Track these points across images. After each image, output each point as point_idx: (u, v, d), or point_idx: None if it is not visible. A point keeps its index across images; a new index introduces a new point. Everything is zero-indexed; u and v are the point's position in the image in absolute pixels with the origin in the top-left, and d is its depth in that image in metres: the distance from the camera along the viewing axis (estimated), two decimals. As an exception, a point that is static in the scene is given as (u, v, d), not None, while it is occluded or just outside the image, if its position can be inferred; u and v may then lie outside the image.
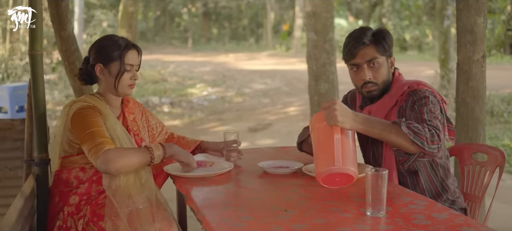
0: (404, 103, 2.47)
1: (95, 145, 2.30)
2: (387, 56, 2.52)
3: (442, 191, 2.51)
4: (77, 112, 2.43)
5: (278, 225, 1.83)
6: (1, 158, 3.00)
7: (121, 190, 2.35)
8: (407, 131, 2.20)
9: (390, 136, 2.25)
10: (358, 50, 2.48)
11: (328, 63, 6.71)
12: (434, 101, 2.41)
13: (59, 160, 2.54)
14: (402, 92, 2.49)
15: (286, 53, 24.25)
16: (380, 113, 2.51)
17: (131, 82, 2.57)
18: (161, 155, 2.39)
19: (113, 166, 2.27)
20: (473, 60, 3.66)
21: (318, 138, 2.23)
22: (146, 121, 2.79)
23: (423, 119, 2.33)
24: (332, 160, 2.14)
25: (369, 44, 2.48)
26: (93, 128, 2.37)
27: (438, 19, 11.02)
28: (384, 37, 2.50)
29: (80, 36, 14.14)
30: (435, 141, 2.24)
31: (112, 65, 2.54)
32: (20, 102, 8.16)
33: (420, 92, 2.43)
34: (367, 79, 2.49)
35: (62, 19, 4.91)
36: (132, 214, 2.30)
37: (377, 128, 2.26)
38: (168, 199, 2.55)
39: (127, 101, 2.71)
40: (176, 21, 32.43)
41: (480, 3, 3.62)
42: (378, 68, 2.49)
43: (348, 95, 2.80)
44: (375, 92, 2.53)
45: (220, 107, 11.68)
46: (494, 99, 9.66)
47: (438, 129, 2.28)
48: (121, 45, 2.54)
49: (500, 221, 4.29)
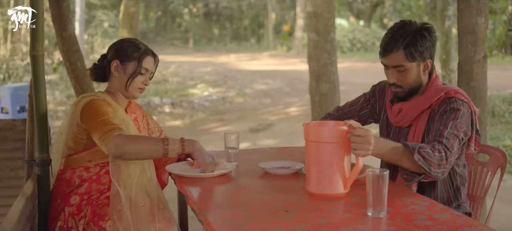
0: (437, 108, 2.44)
1: (107, 131, 2.33)
2: (419, 61, 2.44)
3: (454, 198, 2.50)
4: (88, 104, 2.45)
5: (279, 225, 1.83)
6: (2, 158, 3.00)
7: (124, 184, 2.36)
8: (417, 158, 2.20)
9: (402, 160, 2.25)
10: (387, 53, 2.44)
11: (329, 63, 6.70)
12: (465, 114, 2.38)
13: (62, 160, 2.54)
14: (438, 97, 2.44)
15: (287, 54, 24.25)
16: (411, 113, 2.49)
17: (141, 86, 2.61)
18: (177, 150, 2.38)
19: (125, 149, 2.29)
20: (474, 61, 3.65)
21: (308, 154, 2.21)
22: (146, 123, 2.80)
23: (442, 134, 2.31)
24: (312, 182, 2.17)
25: (399, 50, 2.41)
26: (104, 116, 2.39)
27: (439, 20, 11.00)
28: (416, 43, 2.40)
29: (81, 36, 14.16)
30: (441, 165, 2.24)
31: (129, 64, 2.57)
32: (21, 102, 8.17)
33: (455, 102, 2.39)
34: (391, 82, 2.48)
35: (63, 19, 4.91)
36: (133, 212, 2.31)
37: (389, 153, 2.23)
38: (169, 199, 2.55)
39: (130, 101, 2.73)
40: (177, 22, 32.45)
41: (481, 3, 3.62)
42: (405, 73, 2.44)
43: (377, 87, 2.75)
44: (401, 94, 2.50)
45: (221, 107, 11.68)
46: (495, 99, 9.65)
47: (449, 150, 2.27)
48: (141, 49, 2.60)
49: (501, 222, 4.29)
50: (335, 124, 2.28)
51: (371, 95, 2.75)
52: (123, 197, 2.34)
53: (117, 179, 2.37)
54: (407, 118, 2.51)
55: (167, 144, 2.37)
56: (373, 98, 2.74)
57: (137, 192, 2.38)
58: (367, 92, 2.79)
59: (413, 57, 2.41)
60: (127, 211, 2.31)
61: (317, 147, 2.14)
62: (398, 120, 2.55)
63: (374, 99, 2.73)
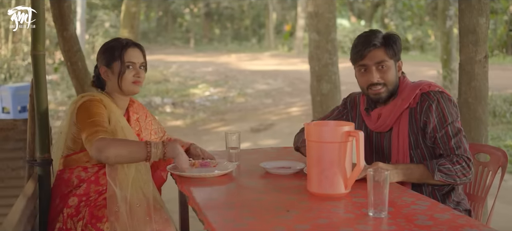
0: (417, 106, 2.50)
1: (92, 133, 2.33)
2: (395, 60, 2.53)
3: (451, 191, 2.54)
4: (83, 104, 2.46)
5: (280, 225, 1.83)
6: (4, 158, 3.00)
7: (121, 184, 2.36)
8: (439, 177, 2.36)
9: (429, 179, 2.40)
10: (368, 51, 2.49)
11: (330, 63, 6.71)
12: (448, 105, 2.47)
13: (61, 160, 2.54)
14: (414, 94, 2.51)
15: (288, 54, 24.25)
16: (392, 116, 2.54)
17: (134, 80, 2.58)
18: (159, 154, 2.36)
19: (105, 154, 2.27)
20: (475, 61, 3.65)
21: (309, 154, 2.21)
22: (149, 123, 2.79)
23: (451, 146, 2.42)
24: (313, 182, 2.17)
25: (379, 47, 2.49)
26: (94, 117, 2.39)
27: (440, 20, 11.01)
28: (395, 41, 2.51)
29: (82, 36, 14.15)
30: (465, 173, 2.39)
31: (114, 65, 2.58)
32: (22, 102, 8.18)
33: (433, 95, 2.48)
34: (375, 81, 2.50)
35: (64, 19, 4.92)
36: (129, 213, 2.31)
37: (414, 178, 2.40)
38: (170, 199, 2.55)
39: (132, 102, 2.73)
40: (178, 22, 32.44)
41: (482, 3, 3.62)
42: (387, 71, 2.50)
43: (348, 99, 2.81)
44: (383, 94, 2.53)
45: (222, 107, 11.68)
46: (496, 99, 9.65)
47: (467, 156, 2.40)
48: (120, 45, 2.59)
49: (502, 222, 4.29)
50: (337, 124, 2.29)
51: (343, 108, 2.80)
52: (119, 197, 2.34)
53: (114, 180, 2.37)
54: (388, 122, 2.56)
55: (150, 148, 2.34)
56: (346, 110, 2.79)
57: (133, 193, 2.38)
58: (339, 105, 2.85)
59: (393, 53, 2.51)
60: (123, 212, 2.31)
61: (319, 147, 2.14)
62: (378, 126, 2.60)
63: (346, 111, 2.78)
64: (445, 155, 2.43)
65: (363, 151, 2.10)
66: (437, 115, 2.45)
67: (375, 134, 2.63)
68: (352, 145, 2.15)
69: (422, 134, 2.49)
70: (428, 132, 2.47)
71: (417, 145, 2.51)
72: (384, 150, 2.60)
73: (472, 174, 2.40)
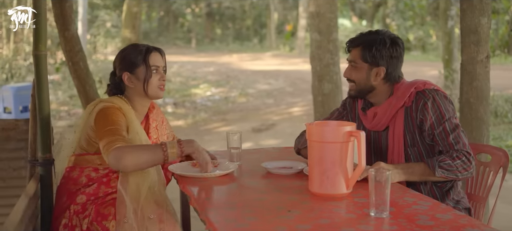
0: (412, 104, 2.51)
1: (109, 142, 2.31)
2: (372, 64, 2.53)
3: (450, 189, 2.54)
4: (103, 110, 2.44)
5: (281, 225, 1.83)
6: (5, 158, 3.01)
7: (131, 198, 2.36)
8: (441, 173, 2.36)
9: (430, 177, 2.41)
10: (350, 48, 2.60)
11: (332, 63, 6.71)
12: (444, 102, 2.48)
13: (72, 157, 2.54)
14: (409, 93, 2.52)
15: (290, 54, 24.25)
16: (387, 114, 2.55)
17: (160, 84, 2.58)
18: (176, 153, 2.36)
19: (123, 162, 2.27)
20: (477, 61, 3.65)
21: (311, 154, 2.21)
22: (164, 128, 2.79)
23: (450, 142, 2.43)
24: (315, 182, 2.17)
25: (357, 47, 2.56)
26: (113, 125, 2.38)
27: (442, 20, 11.00)
28: (371, 48, 2.51)
29: (84, 36, 14.16)
30: (467, 167, 2.39)
31: (138, 71, 2.55)
32: (24, 102, 8.19)
33: (428, 93, 2.49)
34: (346, 76, 2.61)
35: (66, 19, 4.91)
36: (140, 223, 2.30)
37: (416, 176, 2.41)
38: (171, 198, 2.55)
39: (152, 107, 2.71)
40: (179, 22, 32.46)
41: (484, 3, 3.62)
42: (355, 70, 2.57)
43: (347, 100, 2.82)
44: (352, 92, 2.62)
45: (223, 107, 11.69)
46: (498, 99, 9.64)
47: (466, 151, 2.41)
48: (142, 50, 2.57)
49: (503, 221, 4.29)
50: (338, 124, 2.29)
51: (343, 109, 2.83)
52: (129, 209, 2.33)
53: (125, 190, 2.37)
54: (383, 121, 2.58)
55: (165, 148, 2.34)
56: (345, 111, 2.81)
57: (145, 205, 2.37)
58: (338, 107, 2.88)
59: (365, 59, 2.54)
60: (132, 223, 2.30)
61: (320, 147, 2.15)
62: (374, 125, 2.62)
63: (346, 112, 2.81)
64: (444, 151, 2.43)
65: (365, 151, 2.10)
66: (434, 112, 2.46)
67: (373, 133, 2.65)
68: (353, 145, 2.15)
69: (419, 131, 2.50)
70: (425, 129, 2.48)
71: (413, 143, 2.52)
72: (382, 149, 2.61)
73: (473, 168, 2.40)
